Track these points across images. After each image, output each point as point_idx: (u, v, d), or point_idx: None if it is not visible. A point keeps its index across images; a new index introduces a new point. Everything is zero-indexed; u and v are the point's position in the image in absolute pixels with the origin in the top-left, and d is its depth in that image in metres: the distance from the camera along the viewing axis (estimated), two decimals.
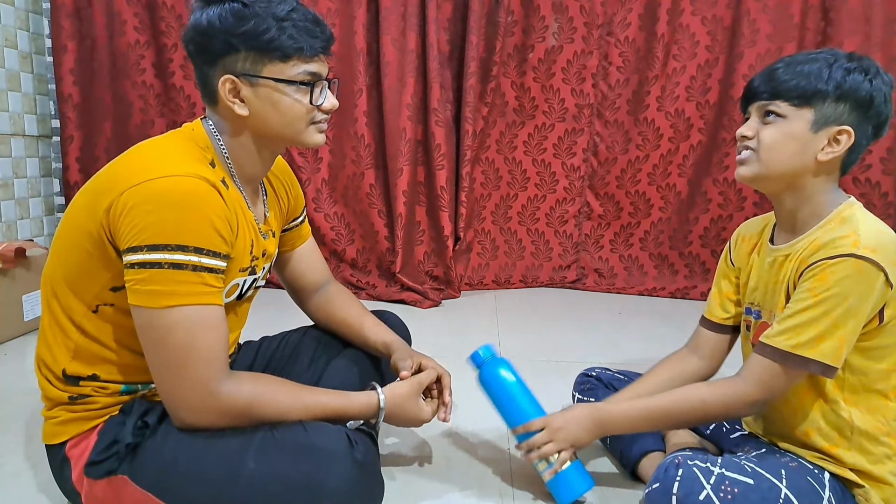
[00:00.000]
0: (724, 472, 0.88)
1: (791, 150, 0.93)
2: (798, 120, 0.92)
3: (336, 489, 0.89)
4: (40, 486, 1.12)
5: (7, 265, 1.87)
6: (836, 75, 0.90)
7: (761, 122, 0.95)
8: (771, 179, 0.96)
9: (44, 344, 0.96)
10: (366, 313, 1.27)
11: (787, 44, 2.53)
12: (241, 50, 0.92)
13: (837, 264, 0.86)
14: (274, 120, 0.96)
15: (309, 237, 1.26)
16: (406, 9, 2.55)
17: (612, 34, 2.66)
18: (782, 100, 0.92)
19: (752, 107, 0.97)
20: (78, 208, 0.92)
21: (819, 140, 0.92)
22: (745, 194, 2.70)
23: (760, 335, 0.98)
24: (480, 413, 1.47)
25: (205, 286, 0.86)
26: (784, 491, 0.87)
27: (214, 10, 0.92)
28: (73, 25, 2.57)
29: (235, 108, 0.94)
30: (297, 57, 0.93)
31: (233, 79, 0.93)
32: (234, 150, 0.99)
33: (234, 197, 0.96)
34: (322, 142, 1.03)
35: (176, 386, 0.88)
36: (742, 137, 0.97)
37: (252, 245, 0.99)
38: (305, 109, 0.97)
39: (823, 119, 0.91)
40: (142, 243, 0.83)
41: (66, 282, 0.93)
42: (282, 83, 0.94)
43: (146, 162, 0.89)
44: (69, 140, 2.65)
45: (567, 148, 2.78)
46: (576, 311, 2.55)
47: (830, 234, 0.90)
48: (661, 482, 0.90)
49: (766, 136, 0.94)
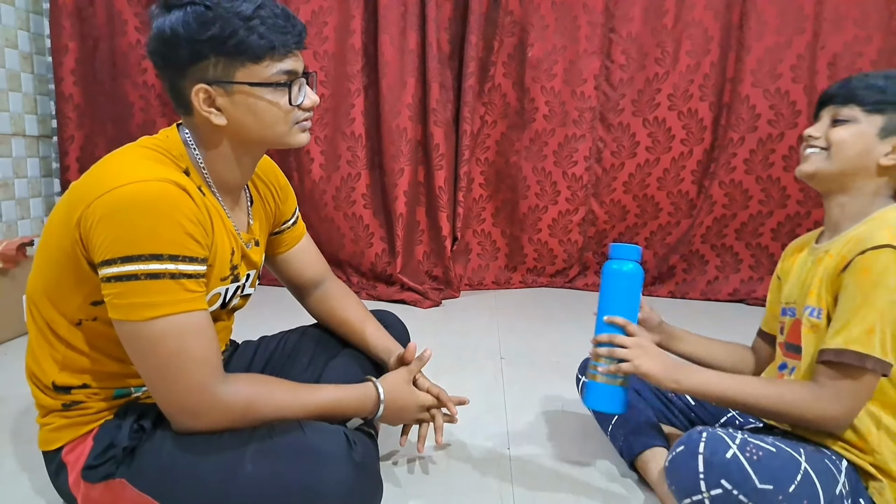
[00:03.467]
0: (748, 438, 0.90)
1: (856, 150, 0.98)
2: (868, 124, 0.98)
3: (334, 491, 0.89)
4: (38, 488, 1.12)
5: (7, 265, 1.87)
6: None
7: (831, 125, 1.00)
8: (831, 177, 1.01)
9: (31, 356, 0.95)
10: (367, 316, 1.26)
11: (797, 36, 2.50)
12: (209, 56, 0.87)
13: (875, 255, 0.89)
14: (253, 126, 0.93)
15: (304, 235, 1.24)
16: (406, 8, 2.54)
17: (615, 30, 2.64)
18: (856, 104, 0.98)
19: (824, 111, 1.03)
20: (54, 222, 0.90)
21: (885, 146, 0.97)
22: (751, 193, 2.67)
23: (793, 334, 1.01)
24: (480, 413, 1.47)
25: (186, 292, 0.85)
26: (804, 465, 0.89)
27: (177, 17, 0.87)
28: (73, 26, 2.58)
29: (212, 117, 0.91)
30: (270, 57, 0.89)
31: (206, 88, 0.89)
32: (211, 159, 0.96)
33: (212, 204, 0.94)
34: (306, 141, 0.99)
35: (173, 393, 0.87)
36: (809, 137, 1.03)
37: (232, 253, 0.98)
38: (285, 111, 0.93)
39: (893, 127, 0.97)
40: (115, 255, 0.81)
41: (46, 296, 0.92)
42: (257, 87, 0.90)
43: (114, 170, 0.86)
44: (69, 140, 2.65)
45: (568, 155, 2.75)
46: (576, 311, 2.55)
47: (869, 232, 0.93)
48: (685, 445, 0.91)
49: (835, 135, 0.99)
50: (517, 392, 1.64)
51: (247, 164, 1.00)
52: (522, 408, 1.54)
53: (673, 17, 2.57)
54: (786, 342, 1.06)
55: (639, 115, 2.67)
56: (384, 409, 1.05)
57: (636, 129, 2.69)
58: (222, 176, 0.98)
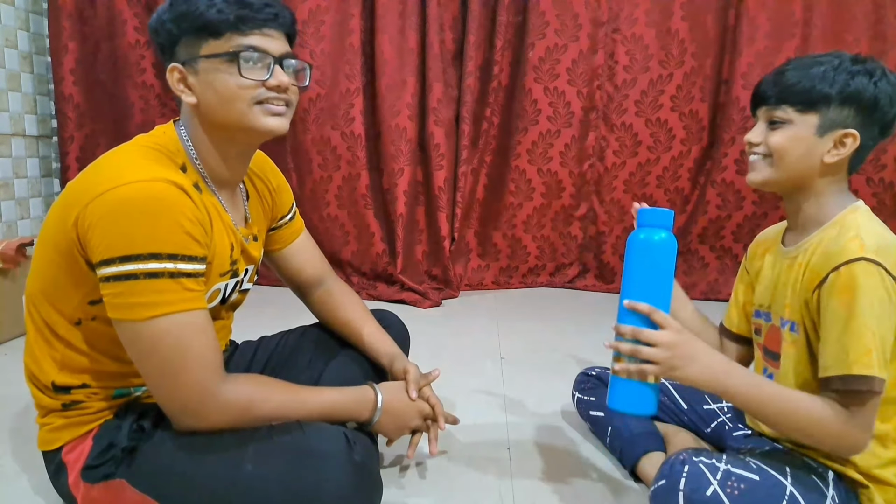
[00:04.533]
0: (730, 469, 0.88)
1: (797, 154, 0.94)
2: (803, 125, 0.93)
3: (334, 491, 0.89)
4: (37, 488, 1.12)
5: (7, 265, 1.87)
6: (840, 79, 0.91)
7: (768, 128, 0.97)
8: (780, 183, 0.98)
9: (30, 356, 0.95)
10: (368, 319, 1.25)
11: (787, 41, 2.52)
12: (181, 37, 0.91)
13: (849, 271, 0.85)
14: (213, 102, 0.91)
15: (302, 232, 1.24)
16: (405, 7, 2.54)
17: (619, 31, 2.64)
18: (788, 104, 0.94)
19: (759, 111, 0.99)
20: (50, 222, 0.90)
21: (825, 143, 0.93)
22: (744, 194, 2.68)
23: (772, 341, 0.99)
24: (480, 413, 1.47)
25: (186, 291, 0.84)
26: (789, 488, 0.88)
27: (162, 7, 0.92)
28: (73, 26, 2.58)
29: (184, 97, 0.93)
30: (231, 31, 0.88)
31: (178, 67, 0.92)
32: (202, 152, 0.96)
33: (209, 201, 0.94)
34: (275, 126, 0.93)
35: (174, 392, 0.87)
36: (749, 143, 0.99)
37: (231, 248, 0.98)
38: (241, 86, 0.89)
39: (828, 123, 0.92)
40: (113, 255, 0.81)
41: (44, 296, 0.92)
42: (213, 58, 0.89)
43: (111, 170, 0.86)
44: (69, 140, 2.65)
45: (574, 156, 2.75)
46: (576, 311, 2.54)
47: (835, 241, 0.90)
48: (667, 479, 0.90)
49: (774, 142, 0.96)
50: (517, 392, 1.64)
51: (232, 155, 0.98)
52: (522, 408, 1.54)
53: (674, 18, 2.58)
54: (764, 346, 1.05)
55: (641, 115, 2.67)
56: (381, 415, 1.04)
57: (639, 129, 2.69)
58: (214, 168, 0.97)
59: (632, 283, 0.90)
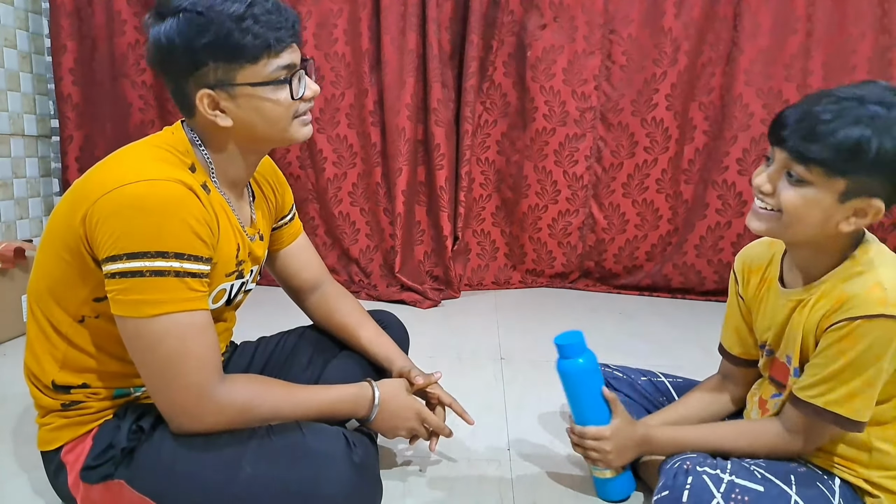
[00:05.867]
0: (734, 480, 0.88)
1: (813, 220, 0.84)
2: (826, 189, 0.82)
3: (334, 492, 0.89)
4: (37, 488, 1.11)
5: (6, 265, 1.87)
6: (886, 145, 0.78)
7: (785, 179, 0.85)
8: (785, 238, 0.93)
9: (31, 354, 0.95)
10: (366, 321, 1.24)
11: (790, 37, 2.50)
12: (208, 62, 0.87)
13: (868, 324, 0.82)
14: (259, 125, 0.93)
15: (300, 234, 1.24)
16: (406, 8, 2.54)
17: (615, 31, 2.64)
18: (815, 164, 0.81)
19: (777, 151, 0.86)
20: (57, 218, 0.90)
21: (844, 211, 0.83)
22: (745, 197, 2.66)
23: (778, 373, 0.99)
24: (480, 413, 1.47)
25: (190, 291, 0.85)
26: (794, 497, 0.87)
27: (170, 25, 0.86)
28: (72, 25, 2.57)
29: (218, 120, 0.91)
30: (267, 55, 0.89)
31: (209, 93, 0.89)
32: (217, 158, 0.96)
33: (217, 201, 0.94)
34: (309, 134, 0.98)
35: (172, 393, 0.87)
36: (759, 191, 0.88)
37: (238, 249, 0.98)
38: (286, 106, 0.93)
39: (854, 191, 0.81)
40: (120, 252, 0.81)
41: (49, 293, 0.92)
42: (259, 86, 0.90)
43: (121, 168, 0.86)
44: (69, 140, 2.64)
45: (569, 155, 2.74)
46: (576, 311, 2.54)
47: (853, 285, 0.85)
48: (670, 490, 0.90)
49: (788, 202, 0.84)
50: (517, 392, 1.64)
51: (252, 161, 1.00)
52: (522, 408, 1.54)
53: (671, 18, 2.57)
54: (771, 375, 1.04)
55: (637, 115, 2.67)
56: (378, 412, 1.04)
57: (635, 129, 2.68)
58: (228, 173, 0.98)
59: (571, 403, 1.11)
